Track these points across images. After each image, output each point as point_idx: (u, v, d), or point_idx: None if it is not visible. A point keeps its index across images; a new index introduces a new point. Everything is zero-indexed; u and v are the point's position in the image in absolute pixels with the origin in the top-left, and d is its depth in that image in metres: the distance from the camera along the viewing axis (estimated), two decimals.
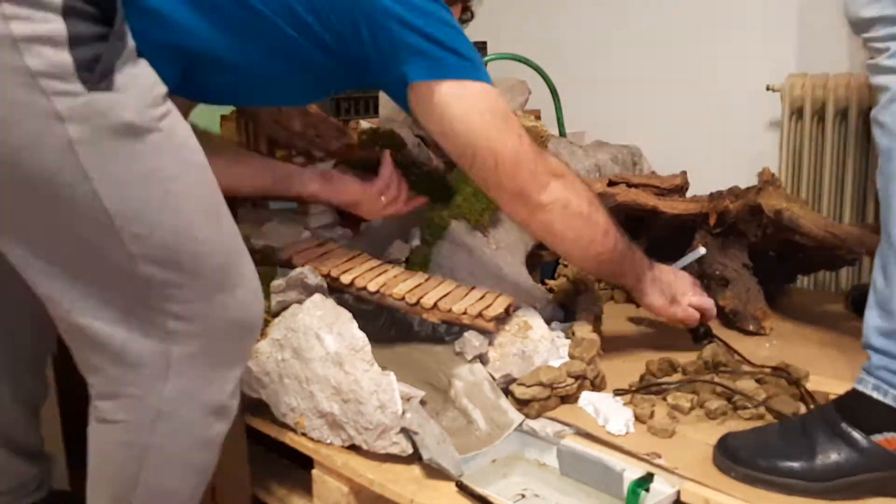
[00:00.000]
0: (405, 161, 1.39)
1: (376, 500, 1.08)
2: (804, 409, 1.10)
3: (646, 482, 0.98)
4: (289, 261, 1.25)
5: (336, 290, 1.24)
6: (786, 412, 1.08)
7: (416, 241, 1.43)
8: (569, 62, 2.16)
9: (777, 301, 1.54)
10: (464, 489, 1.02)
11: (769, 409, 1.10)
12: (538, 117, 1.84)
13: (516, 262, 1.51)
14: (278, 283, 1.21)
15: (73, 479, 1.39)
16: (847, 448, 0.93)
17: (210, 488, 1.32)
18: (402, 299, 1.21)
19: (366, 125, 1.59)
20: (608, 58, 2.24)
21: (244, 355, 1.03)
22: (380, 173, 1.35)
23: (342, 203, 1.36)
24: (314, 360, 1.13)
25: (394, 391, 1.08)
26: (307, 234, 1.34)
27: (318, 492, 1.16)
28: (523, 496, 1.08)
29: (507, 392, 1.16)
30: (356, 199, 1.34)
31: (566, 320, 1.39)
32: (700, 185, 1.54)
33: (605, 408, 1.12)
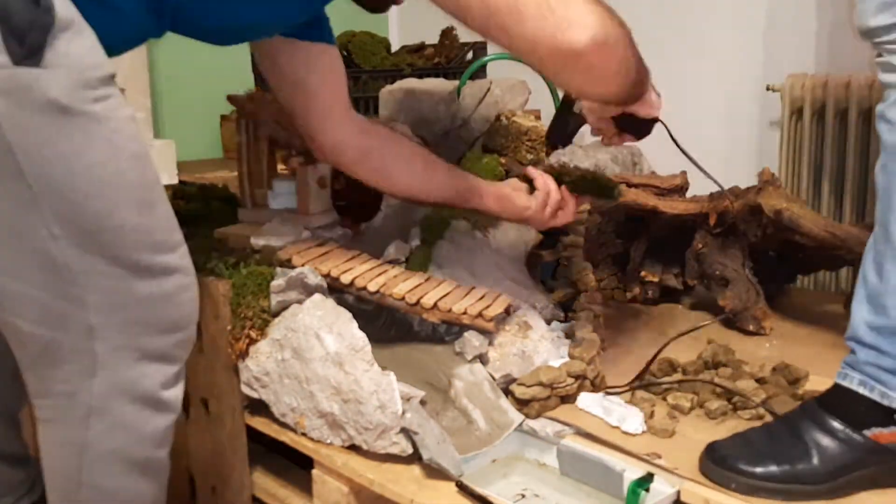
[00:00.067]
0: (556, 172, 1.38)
1: (376, 500, 1.08)
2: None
3: (646, 482, 0.98)
4: (289, 261, 1.25)
5: (336, 290, 1.24)
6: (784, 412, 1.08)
7: (416, 241, 1.43)
8: None
9: (777, 301, 1.54)
10: (464, 489, 1.02)
11: (769, 409, 1.10)
12: (538, 117, 1.84)
13: (516, 262, 1.51)
14: (278, 283, 1.21)
15: None
16: (843, 446, 0.93)
17: (210, 488, 1.33)
18: (402, 299, 1.21)
19: None
20: None
21: (178, 350, 0.99)
22: (536, 185, 1.32)
23: (514, 218, 1.36)
24: (314, 360, 1.13)
25: (394, 391, 1.08)
26: (307, 234, 1.34)
27: (318, 492, 1.16)
28: (523, 496, 1.08)
29: (507, 392, 1.16)
30: (525, 214, 1.33)
31: (566, 320, 1.39)
32: (700, 185, 1.53)
33: (616, 407, 1.12)
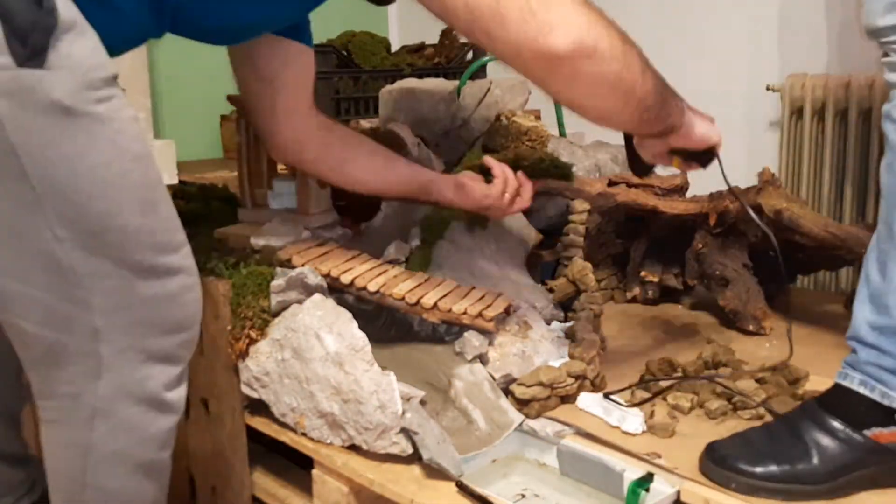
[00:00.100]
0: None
1: (376, 500, 1.08)
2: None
3: (646, 482, 0.98)
4: (289, 261, 1.25)
5: (336, 290, 1.24)
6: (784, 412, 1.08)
7: (416, 241, 1.43)
8: None
9: (777, 301, 1.54)
10: (464, 489, 1.02)
11: (769, 409, 1.10)
12: (538, 117, 1.84)
13: (516, 262, 1.51)
14: (278, 283, 1.21)
15: None
16: (843, 445, 0.93)
17: (210, 488, 1.33)
18: (402, 299, 1.21)
19: (366, 125, 1.59)
20: None
21: (182, 351, 1.00)
22: (494, 174, 1.33)
23: (474, 207, 1.36)
24: (314, 360, 1.13)
25: (394, 391, 1.08)
26: (307, 234, 1.34)
27: (318, 492, 1.16)
28: (523, 496, 1.08)
29: (507, 392, 1.16)
30: (485, 203, 1.33)
31: (566, 320, 1.39)
32: (700, 185, 1.53)
33: (616, 407, 1.12)
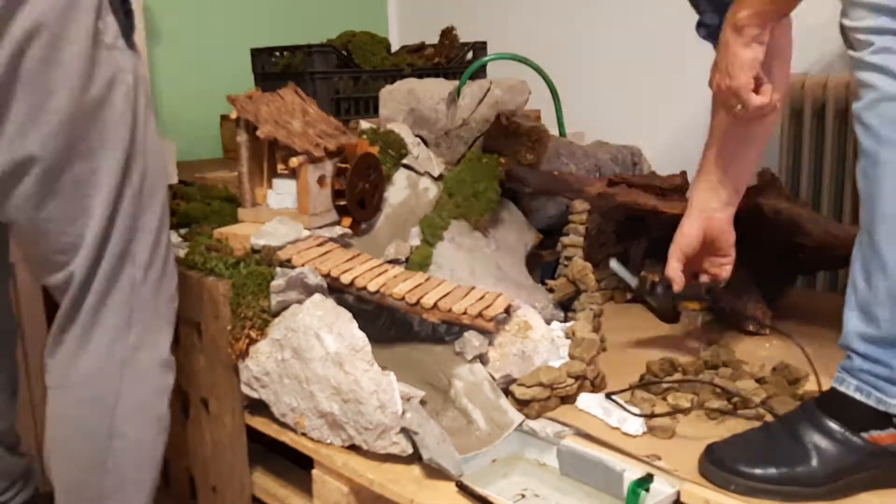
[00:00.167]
0: None
1: (376, 500, 1.08)
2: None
3: (646, 482, 0.98)
4: (289, 261, 1.25)
5: (336, 290, 1.24)
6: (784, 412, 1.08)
7: (416, 241, 1.43)
8: (569, 62, 2.16)
9: (777, 301, 1.54)
10: (464, 489, 1.02)
11: (769, 409, 1.10)
12: (538, 117, 1.84)
13: (516, 262, 1.51)
14: (278, 283, 1.21)
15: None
16: (842, 448, 0.93)
17: (210, 488, 1.33)
18: (402, 299, 1.21)
19: (366, 125, 1.59)
20: (609, 58, 2.24)
21: (173, 319, 1.14)
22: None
23: None
24: (314, 360, 1.13)
25: (394, 391, 1.08)
26: (307, 234, 1.34)
27: (318, 492, 1.16)
28: (523, 496, 1.08)
29: (508, 392, 1.16)
30: None
31: (566, 320, 1.39)
32: None
33: (616, 408, 1.12)
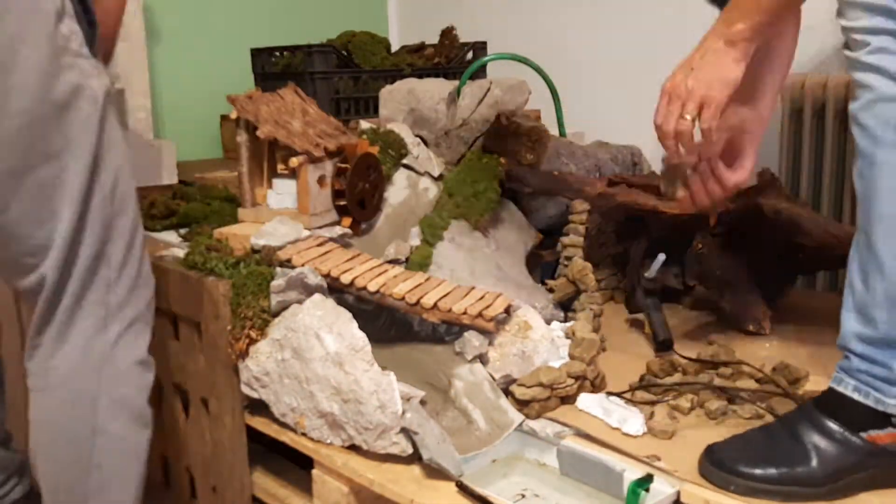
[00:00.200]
0: None
1: (376, 500, 1.08)
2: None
3: (646, 482, 0.98)
4: (289, 261, 1.25)
5: (336, 290, 1.24)
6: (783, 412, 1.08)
7: (415, 241, 1.43)
8: (569, 62, 2.16)
9: (777, 301, 1.54)
10: (464, 489, 1.02)
11: (769, 409, 1.10)
12: (538, 117, 1.84)
13: (516, 262, 1.51)
14: (278, 283, 1.21)
15: None
16: (841, 448, 0.93)
17: (210, 488, 1.33)
18: (402, 299, 1.21)
19: (366, 125, 1.59)
20: (609, 58, 2.24)
21: (149, 314, 1.14)
22: None
23: None
24: (314, 360, 1.13)
25: (394, 391, 1.08)
26: (307, 234, 1.34)
27: (318, 492, 1.16)
28: (523, 496, 1.08)
29: (507, 392, 1.16)
30: None
31: (566, 320, 1.39)
32: None
33: (617, 408, 1.12)
